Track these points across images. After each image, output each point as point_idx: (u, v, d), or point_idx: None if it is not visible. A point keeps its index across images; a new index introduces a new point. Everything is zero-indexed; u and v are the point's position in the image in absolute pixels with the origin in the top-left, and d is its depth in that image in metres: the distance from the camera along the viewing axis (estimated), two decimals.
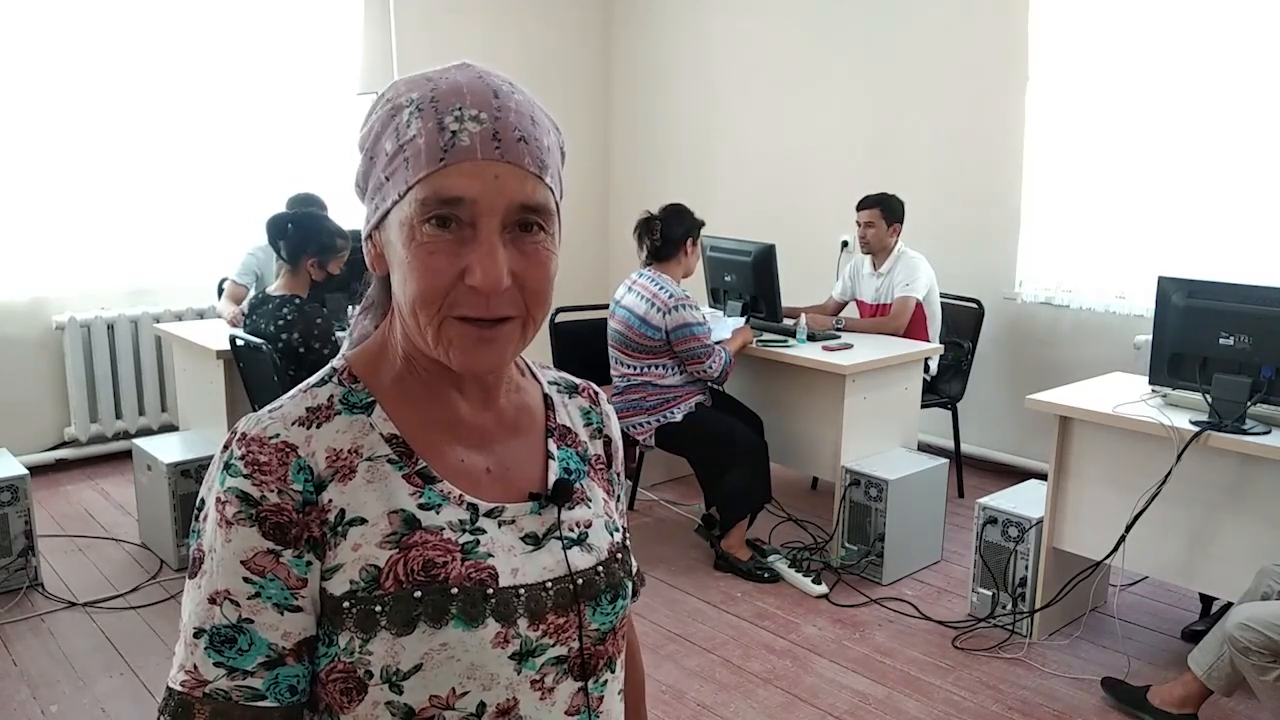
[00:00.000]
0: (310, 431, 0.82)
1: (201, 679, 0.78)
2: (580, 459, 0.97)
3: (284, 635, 0.79)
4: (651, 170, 6.33)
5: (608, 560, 0.92)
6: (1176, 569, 2.96)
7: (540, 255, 0.82)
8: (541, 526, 0.89)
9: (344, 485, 0.82)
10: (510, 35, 5.92)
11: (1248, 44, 3.87)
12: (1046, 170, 4.53)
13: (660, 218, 3.79)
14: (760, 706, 2.86)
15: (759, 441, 3.77)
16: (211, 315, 4.78)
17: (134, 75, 4.72)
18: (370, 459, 0.84)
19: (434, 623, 0.80)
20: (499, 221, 0.79)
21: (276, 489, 0.79)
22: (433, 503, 0.84)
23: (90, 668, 3.02)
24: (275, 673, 0.79)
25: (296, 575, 0.79)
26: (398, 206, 0.81)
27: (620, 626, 0.93)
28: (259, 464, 0.79)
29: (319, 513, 0.80)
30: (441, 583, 0.81)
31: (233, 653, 0.78)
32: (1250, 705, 2.78)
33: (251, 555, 0.78)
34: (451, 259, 0.79)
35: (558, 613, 0.86)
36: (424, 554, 0.81)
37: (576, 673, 0.87)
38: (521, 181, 0.80)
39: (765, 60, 5.60)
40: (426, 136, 0.79)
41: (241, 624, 0.78)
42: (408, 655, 0.79)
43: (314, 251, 3.40)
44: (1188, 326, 2.91)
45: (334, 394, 0.86)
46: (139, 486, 3.93)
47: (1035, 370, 4.59)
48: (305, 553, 0.79)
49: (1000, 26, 4.59)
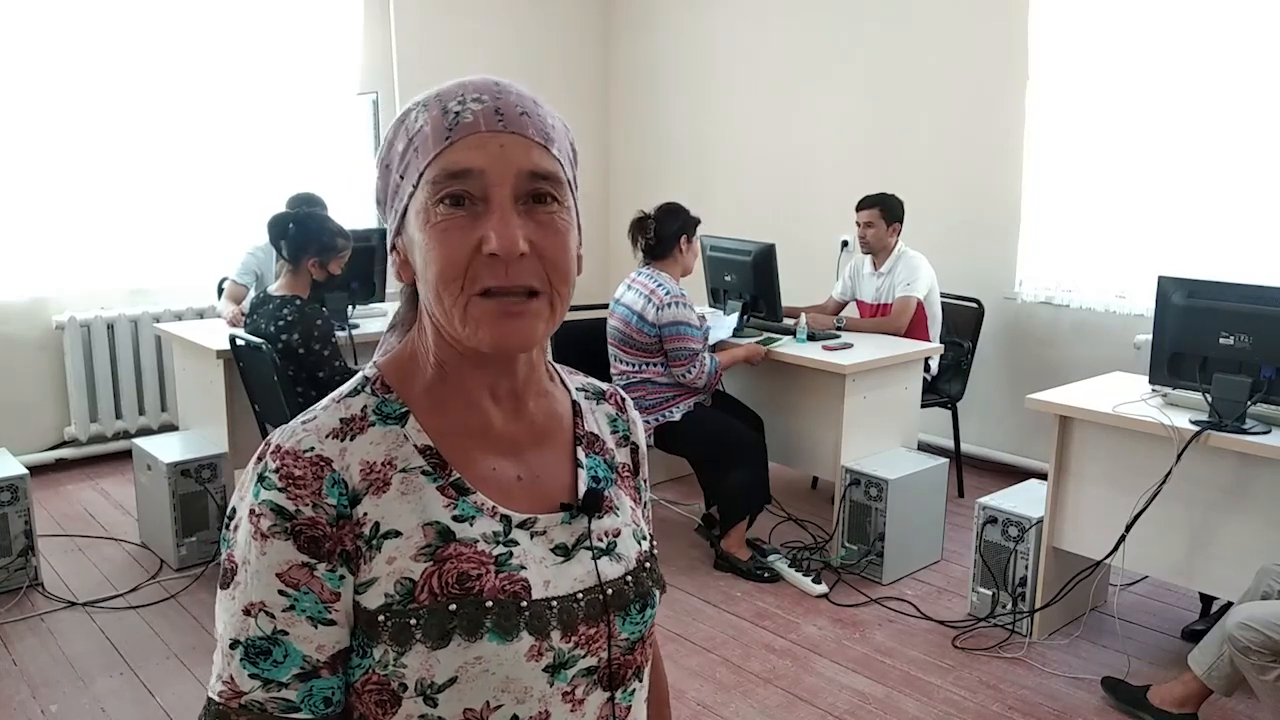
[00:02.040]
0: (344, 444, 0.82)
1: (238, 690, 0.78)
2: (608, 466, 0.96)
3: (318, 648, 0.79)
4: (651, 170, 6.33)
5: (636, 569, 0.91)
6: (1176, 569, 2.96)
7: (556, 224, 0.82)
8: (571, 537, 0.88)
9: (378, 498, 0.81)
10: (510, 35, 5.92)
11: (1248, 44, 3.87)
12: (1046, 170, 4.53)
13: (653, 216, 3.78)
14: (760, 706, 2.86)
15: (758, 442, 3.77)
16: (211, 315, 4.78)
17: (134, 75, 4.73)
18: (404, 470, 0.83)
19: (469, 636, 0.79)
20: (510, 191, 0.80)
21: (311, 503, 0.79)
22: (466, 515, 0.84)
23: (90, 668, 3.02)
24: (310, 685, 0.79)
25: (330, 589, 0.79)
26: (414, 198, 0.82)
27: (649, 635, 0.92)
28: (293, 477, 0.79)
29: (353, 526, 0.80)
30: (476, 596, 0.81)
31: (268, 664, 0.78)
32: (1250, 705, 2.78)
33: (286, 568, 0.78)
34: (467, 232, 0.80)
35: (588, 624, 0.86)
36: (458, 567, 0.81)
37: (605, 683, 0.87)
38: (528, 150, 0.81)
39: (765, 60, 5.60)
40: (432, 123, 0.81)
41: (276, 636, 0.78)
42: (443, 668, 0.79)
43: (315, 251, 3.42)
44: (1188, 326, 2.91)
45: (367, 404, 0.86)
46: (139, 486, 3.93)
47: (1035, 370, 4.59)
48: (339, 566, 0.79)
49: (1000, 26, 4.59)
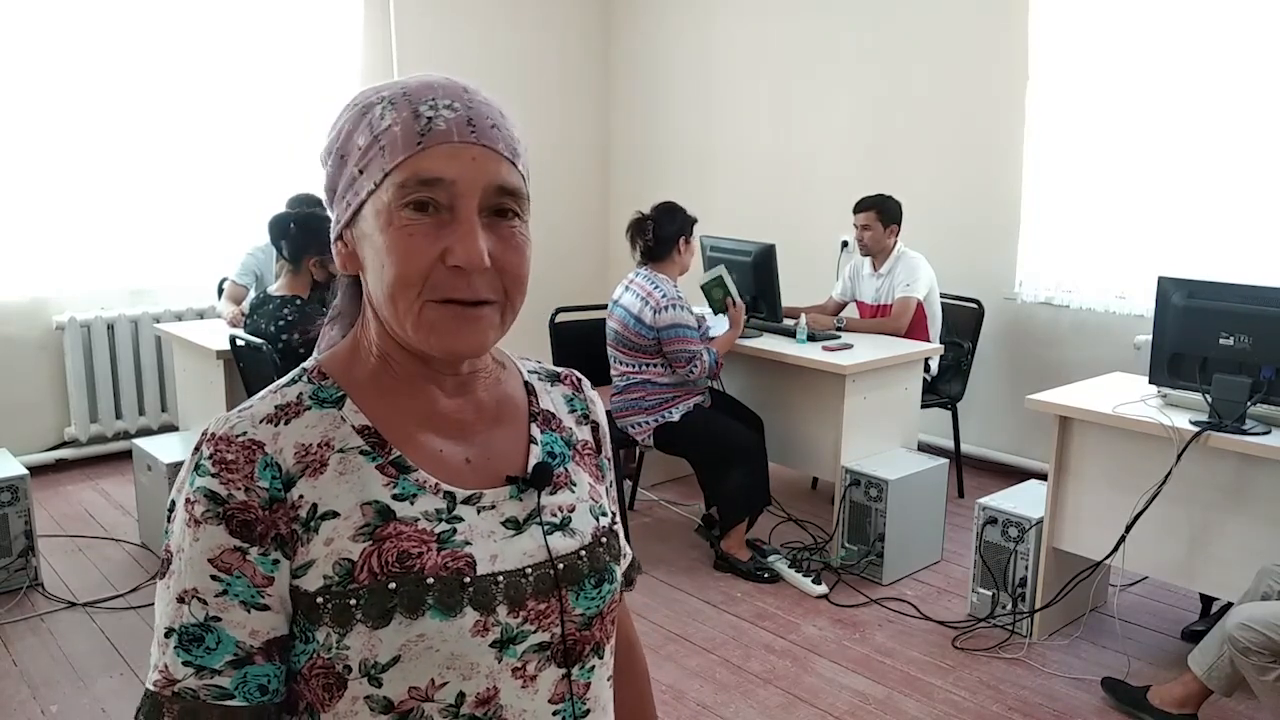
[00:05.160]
0: (278, 429, 0.82)
1: (171, 678, 0.78)
2: (565, 444, 0.96)
3: (251, 634, 0.79)
4: (651, 170, 6.33)
5: (591, 544, 0.91)
6: (1176, 569, 2.96)
7: (517, 240, 0.84)
8: (522, 511, 0.88)
9: (314, 480, 0.81)
10: (510, 35, 5.92)
11: (1248, 44, 3.87)
12: (1046, 170, 4.53)
13: (652, 217, 3.77)
14: (760, 706, 2.86)
15: (757, 443, 3.77)
16: (211, 315, 4.79)
17: (134, 75, 4.72)
18: (342, 451, 0.83)
19: (410, 614, 0.79)
20: (477, 203, 0.81)
21: (243, 486, 0.79)
22: (407, 492, 0.84)
23: (90, 668, 3.02)
24: (244, 671, 0.79)
25: (263, 574, 0.79)
26: (373, 196, 0.82)
27: (608, 611, 0.92)
28: (225, 462, 0.79)
29: (287, 510, 0.80)
30: (417, 573, 0.80)
31: (200, 651, 0.78)
32: (1250, 705, 2.78)
33: (219, 553, 0.78)
34: (431, 240, 0.80)
35: (538, 599, 0.85)
36: (398, 545, 0.81)
37: (560, 659, 0.87)
38: (497, 164, 0.82)
39: (765, 60, 5.60)
40: (403, 124, 0.81)
41: (209, 622, 0.78)
42: (385, 647, 0.79)
43: (316, 251, 3.43)
44: (1188, 326, 2.91)
45: (303, 391, 0.87)
46: (139, 486, 3.93)
47: (1035, 370, 4.59)
48: (272, 550, 0.79)
49: (1000, 26, 4.59)
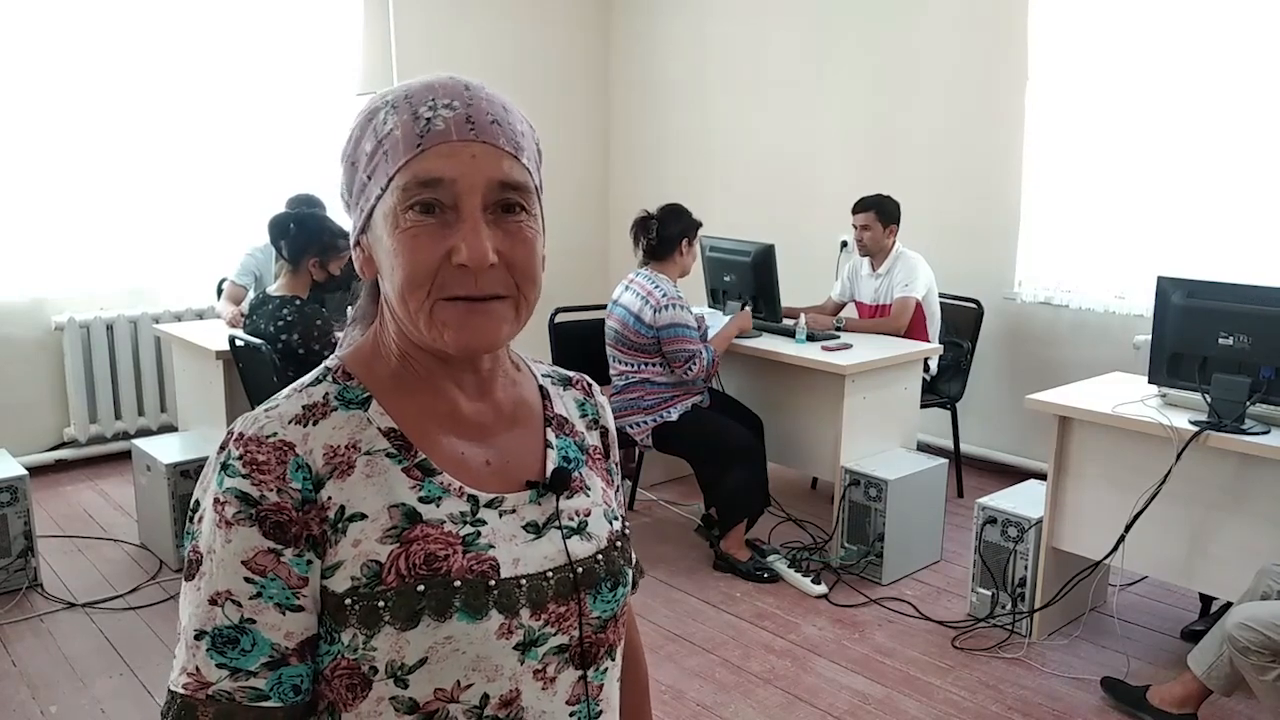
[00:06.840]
0: (307, 429, 0.82)
1: (204, 681, 0.78)
2: (578, 448, 0.97)
3: (286, 635, 0.79)
4: (651, 170, 6.33)
5: (607, 548, 0.92)
6: (1176, 569, 2.96)
7: (525, 234, 0.84)
8: (542, 515, 0.89)
9: (342, 481, 0.82)
10: (510, 35, 5.92)
11: (1248, 44, 3.87)
12: (1046, 170, 4.53)
13: (656, 217, 3.79)
14: (760, 706, 2.86)
15: (756, 444, 3.77)
16: (211, 316, 4.78)
17: (133, 75, 4.72)
18: (369, 453, 0.84)
19: (438, 616, 0.80)
20: (480, 200, 0.81)
21: (276, 488, 0.79)
22: (433, 495, 0.84)
23: (90, 668, 3.02)
24: (279, 673, 0.79)
25: (297, 575, 0.79)
26: (381, 200, 0.83)
27: (621, 615, 0.93)
28: (257, 463, 0.79)
29: (318, 510, 0.80)
30: (444, 576, 0.81)
31: (235, 653, 0.78)
32: (1250, 705, 2.78)
33: (252, 555, 0.78)
34: (436, 241, 0.80)
35: (559, 601, 0.86)
36: (425, 547, 0.82)
37: (577, 661, 0.88)
38: (498, 160, 0.82)
39: (765, 60, 5.60)
40: (403, 128, 0.82)
41: (244, 624, 0.78)
42: (412, 649, 0.79)
43: (316, 251, 3.43)
44: (1187, 326, 2.91)
45: (329, 391, 0.86)
46: (138, 487, 3.93)
47: (1035, 370, 4.59)
48: (305, 551, 0.80)
49: (1000, 26, 4.59)
